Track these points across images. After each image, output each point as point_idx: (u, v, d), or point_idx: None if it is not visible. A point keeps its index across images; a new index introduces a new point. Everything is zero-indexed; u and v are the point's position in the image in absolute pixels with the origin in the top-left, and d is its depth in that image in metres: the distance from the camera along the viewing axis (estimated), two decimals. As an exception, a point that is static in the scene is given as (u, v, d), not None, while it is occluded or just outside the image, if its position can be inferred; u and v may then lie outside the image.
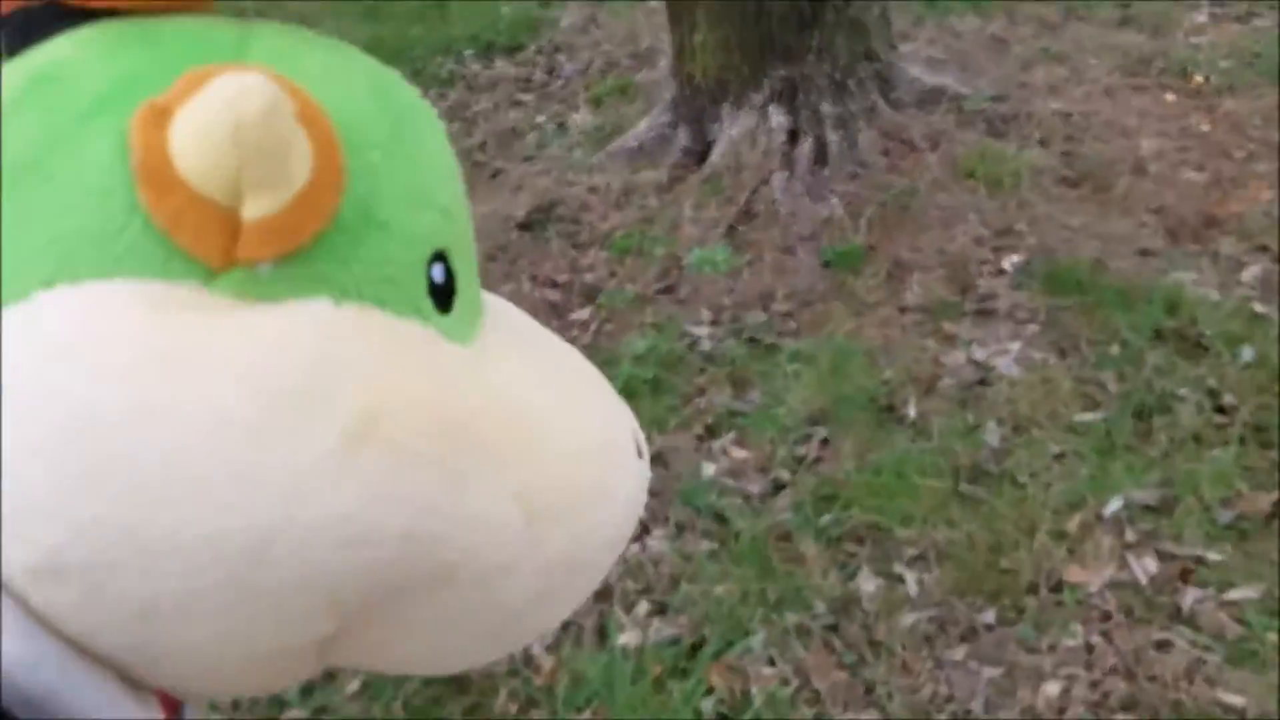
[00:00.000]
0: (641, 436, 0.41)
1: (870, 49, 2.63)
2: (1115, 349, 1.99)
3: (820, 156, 2.54)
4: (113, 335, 0.30)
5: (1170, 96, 2.77)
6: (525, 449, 0.35)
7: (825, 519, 1.73)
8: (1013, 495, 1.74)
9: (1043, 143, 2.61)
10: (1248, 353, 1.92)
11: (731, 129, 2.57)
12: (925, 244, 2.35)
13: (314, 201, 0.31)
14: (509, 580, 0.34)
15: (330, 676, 1.49)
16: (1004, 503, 1.73)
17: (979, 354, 2.05)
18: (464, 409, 0.33)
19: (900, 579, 1.64)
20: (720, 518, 1.75)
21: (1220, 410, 1.84)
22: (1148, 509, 1.70)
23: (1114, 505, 1.70)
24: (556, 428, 0.36)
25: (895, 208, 2.44)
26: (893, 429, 1.90)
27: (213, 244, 0.31)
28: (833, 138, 2.55)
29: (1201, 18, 3.13)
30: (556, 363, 0.40)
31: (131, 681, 0.32)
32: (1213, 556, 1.60)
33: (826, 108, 2.56)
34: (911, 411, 1.93)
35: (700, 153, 2.62)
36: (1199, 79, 2.81)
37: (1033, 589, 1.60)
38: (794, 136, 2.56)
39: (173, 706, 0.35)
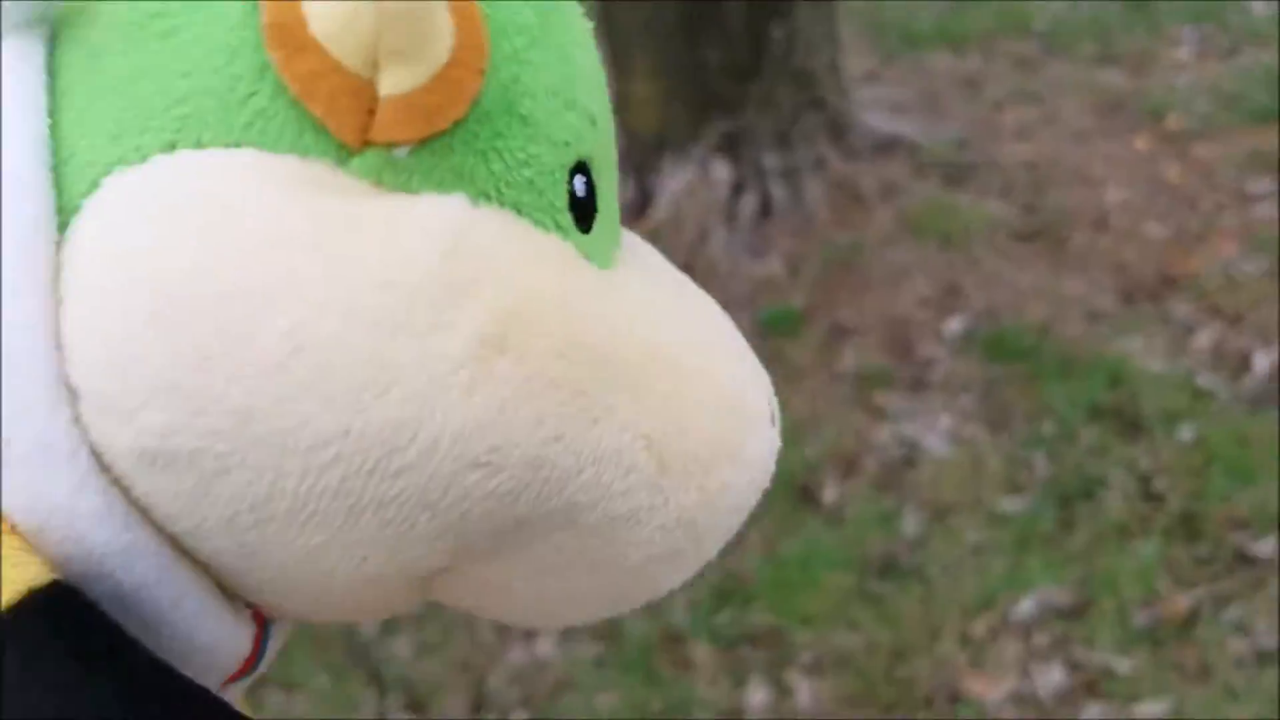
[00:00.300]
0: (776, 403, 0.38)
1: (818, 98, 2.54)
2: (1049, 426, 1.89)
3: (765, 211, 2.46)
4: (239, 206, 0.28)
5: (1142, 141, 2.65)
6: (663, 391, 0.32)
7: (722, 619, 1.65)
8: (921, 593, 1.65)
9: (1002, 194, 2.50)
10: (1186, 432, 1.81)
11: (673, 182, 2.50)
12: (867, 305, 2.26)
13: (456, 81, 0.29)
14: (632, 533, 0.32)
15: None
16: (911, 601, 1.64)
17: (908, 429, 1.95)
18: (602, 334, 0.31)
19: (791, 688, 1.55)
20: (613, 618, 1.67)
21: (1149, 497, 1.73)
22: (1060, 610, 1.60)
23: (1025, 606, 1.60)
24: (695, 374, 0.33)
25: (839, 266, 2.35)
26: (806, 515, 1.81)
27: (348, 117, 0.28)
28: (777, 191, 2.47)
29: (1184, 54, 2.99)
30: (696, 308, 0.36)
31: (227, 592, 0.30)
32: (1123, 665, 1.50)
33: (770, 160, 2.47)
34: (829, 495, 1.84)
35: (644, 206, 2.55)
36: (1174, 122, 2.68)
37: (929, 701, 1.50)
38: (739, 190, 2.48)
39: (260, 624, 0.32)
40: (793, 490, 1.86)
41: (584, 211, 0.33)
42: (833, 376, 2.10)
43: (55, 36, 0.29)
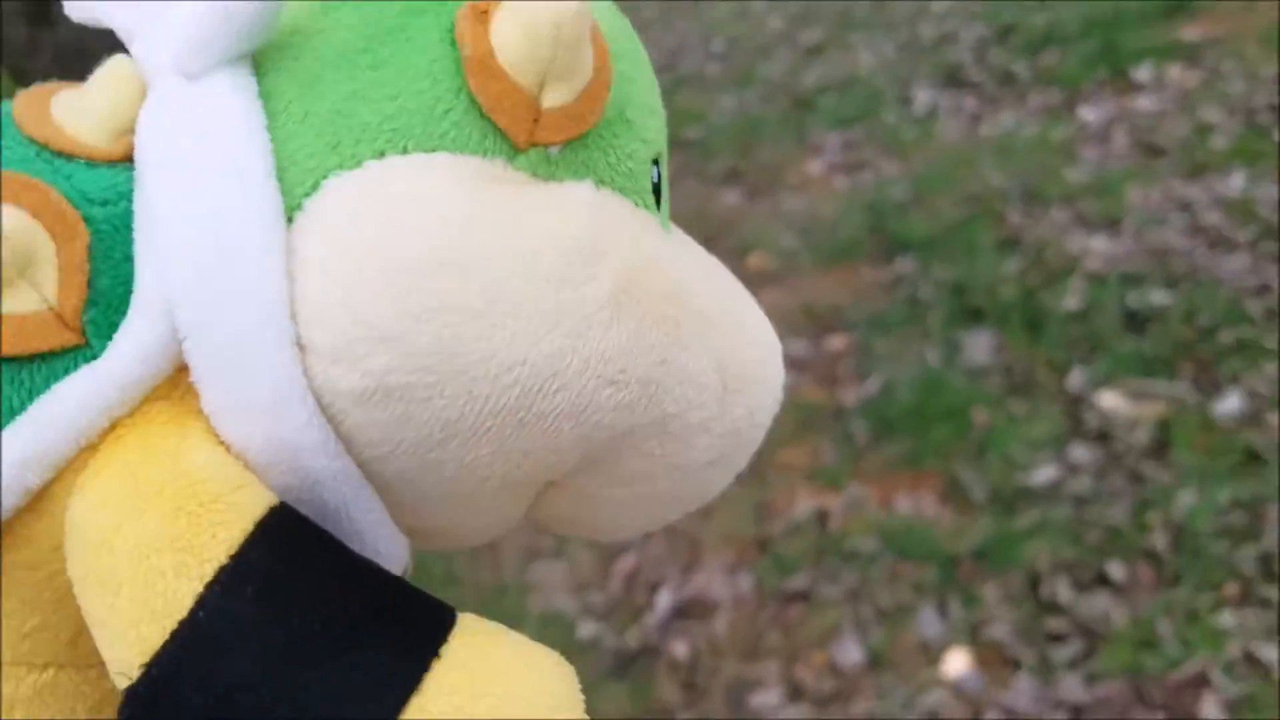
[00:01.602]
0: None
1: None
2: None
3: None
4: (443, 194, 0.34)
5: (715, 286, 2.43)
6: (723, 326, 0.39)
7: None
8: None
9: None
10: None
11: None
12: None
13: (595, 96, 0.36)
14: (701, 439, 0.39)
15: None
16: None
17: None
18: (685, 283, 0.38)
19: None
20: None
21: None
22: None
23: None
24: (740, 313, 0.41)
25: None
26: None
27: (521, 126, 0.35)
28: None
29: (815, 167, 2.76)
30: (721, 267, 0.44)
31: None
32: None
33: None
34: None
35: None
36: (755, 261, 2.46)
37: None
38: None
39: None
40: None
41: (657, 194, 0.40)
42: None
43: (260, 70, 0.35)
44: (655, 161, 0.40)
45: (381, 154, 0.34)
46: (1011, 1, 3.29)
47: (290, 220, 0.34)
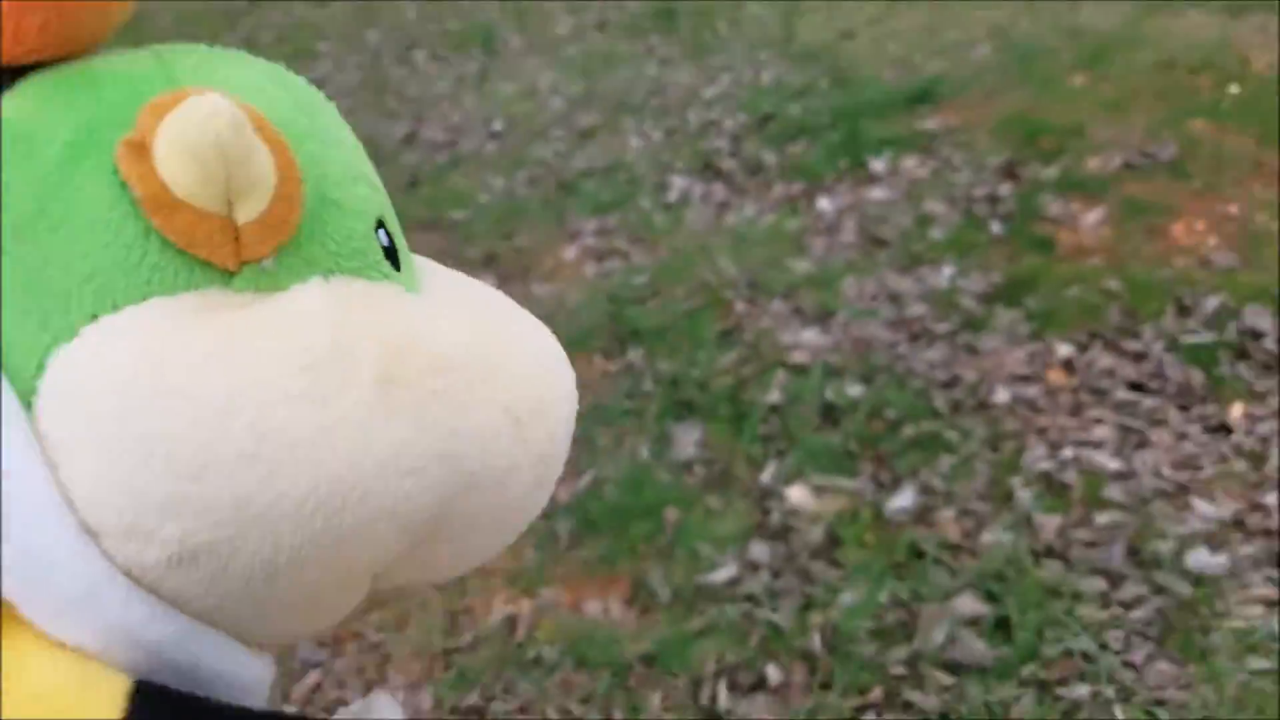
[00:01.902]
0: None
1: None
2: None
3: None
4: (170, 345, 0.33)
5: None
6: (498, 370, 0.40)
7: None
8: None
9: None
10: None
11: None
12: None
13: (288, 195, 0.35)
14: (514, 477, 0.41)
15: None
16: None
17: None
18: (446, 346, 0.38)
19: None
20: None
21: None
22: None
23: None
24: (512, 349, 0.42)
25: None
26: None
27: (225, 250, 0.35)
28: None
29: (570, 253, 2.79)
30: (485, 297, 0.45)
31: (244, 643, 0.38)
32: None
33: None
34: None
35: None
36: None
37: None
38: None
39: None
40: None
41: (392, 256, 0.40)
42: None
43: None
44: (381, 224, 0.40)
45: (93, 317, 0.34)
46: (774, 89, 3.41)
47: (29, 406, 0.33)
